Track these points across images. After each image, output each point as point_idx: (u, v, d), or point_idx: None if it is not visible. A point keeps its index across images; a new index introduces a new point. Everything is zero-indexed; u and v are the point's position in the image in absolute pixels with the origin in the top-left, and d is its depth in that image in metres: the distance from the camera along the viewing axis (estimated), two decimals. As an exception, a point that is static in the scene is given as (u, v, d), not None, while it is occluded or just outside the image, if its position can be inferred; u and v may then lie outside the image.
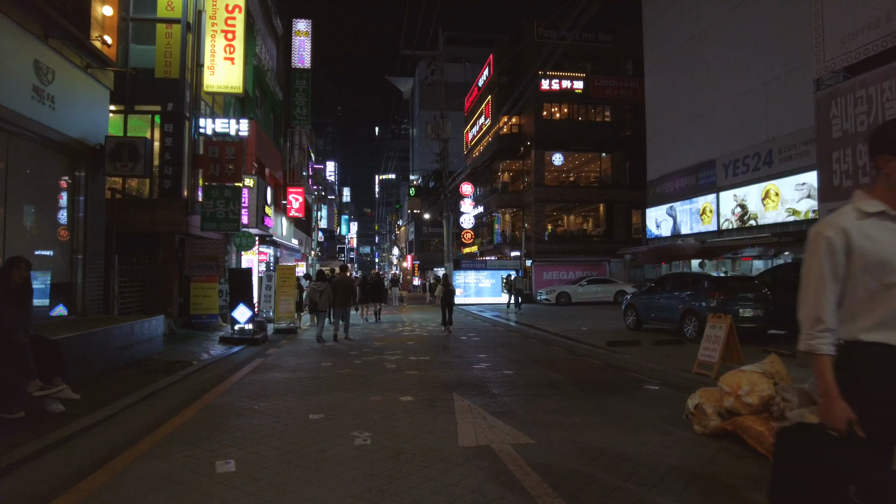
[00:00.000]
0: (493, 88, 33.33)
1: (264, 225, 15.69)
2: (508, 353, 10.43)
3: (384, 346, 11.53)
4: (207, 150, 11.93)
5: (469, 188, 27.63)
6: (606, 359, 9.93)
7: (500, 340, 12.72)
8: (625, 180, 30.28)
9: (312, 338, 13.00)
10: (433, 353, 10.33)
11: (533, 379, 7.73)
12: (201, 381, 7.67)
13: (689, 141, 22.80)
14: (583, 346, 11.72)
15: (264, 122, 20.05)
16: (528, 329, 15.29)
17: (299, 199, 22.10)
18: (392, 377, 7.88)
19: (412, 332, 14.28)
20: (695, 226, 22.26)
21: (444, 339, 12.78)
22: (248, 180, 14.98)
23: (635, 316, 14.81)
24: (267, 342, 12.18)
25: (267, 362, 9.37)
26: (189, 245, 12.20)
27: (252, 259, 16.93)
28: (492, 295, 25.72)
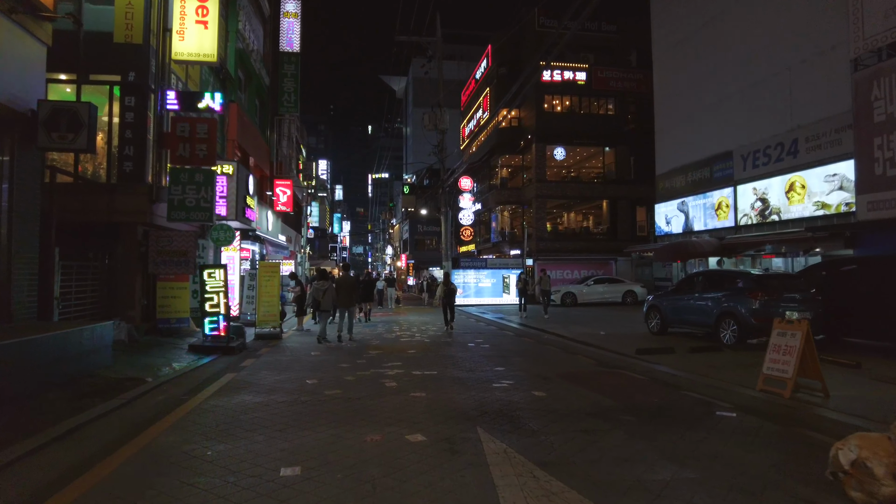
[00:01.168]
0: (491, 80, 31.65)
1: (246, 217, 13.88)
2: (529, 365, 8.72)
3: (381, 355, 9.78)
4: (176, 127, 10.11)
5: (469, 182, 25.94)
6: (646, 371, 8.27)
7: (513, 348, 11.02)
8: (629, 175, 28.71)
9: (298, 345, 11.26)
10: (440, 366, 8.60)
11: (573, 403, 6.02)
12: (149, 407, 5.88)
13: (703, 132, 21.24)
14: (610, 355, 10.07)
15: (248, 108, 18.23)
16: (540, 333, 13.60)
17: (287, 193, 20.29)
18: (393, 401, 6.14)
19: (412, 339, 12.54)
20: (709, 222, 20.71)
21: (449, 347, 11.04)
22: (228, 166, 13.18)
23: (659, 319, 13.18)
24: (244, 350, 10.39)
25: (239, 378, 7.58)
26: (154, 238, 10.38)
27: (233, 256, 15.11)
28: (492, 295, 24.03)
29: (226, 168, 13.16)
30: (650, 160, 28.30)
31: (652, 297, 14.06)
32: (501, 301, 24.03)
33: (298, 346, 11.22)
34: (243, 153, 17.01)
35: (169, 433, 4.90)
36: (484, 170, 32.88)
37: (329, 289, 12.16)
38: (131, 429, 5.01)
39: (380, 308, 21.88)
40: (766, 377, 6.99)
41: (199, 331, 10.26)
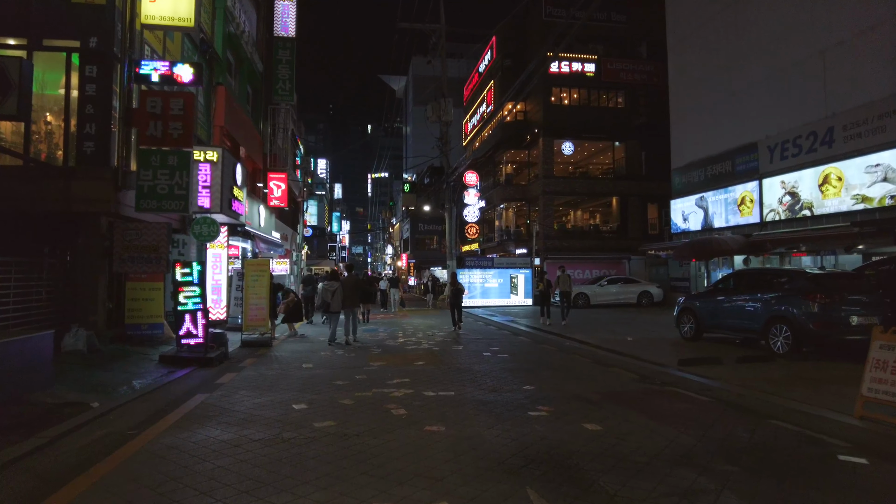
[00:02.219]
0: (495, 73, 30.11)
1: (233, 210, 12.33)
2: (562, 382, 7.18)
3: (384, 368, 8.24)
4: (146, 102, 8.56)
5: (474, 177, 24.36)
6: (703, 389, 6.78)
7: (536, 358, 9.48)
8: (640, 171, 27.20)
9: (289, 355, 9.71)
10: (456, 383, 7.05)
11: (643, 442, 4.49)
12: (74, 451, 4.33)
13: (723, 123, 19.74)
14: (650, 367, 8.57)
15: (239, 95, 16.68)
16: (560, 339, 12.07)
17: (282, 187, 18.73)
18: (403, 439, 4.60)
19: (418, 346, 10.99)
20: (731, 218, 19.21)
21: (462, 357, 9.50)
22: (211, 153, 11.63)
23: (693, 323, 11.67)
24: (226, 361, 8.84)
25: (211, 402, 6.04)
26: (120, 231, 8.81)
27: (220, 254, 13.56)
28: (499, 296, 22.48)
29: (209, 154, 11.60)
30: (662, 155, 26.79)
31: (684, 298, 12.54)
32: (509, 302, 22.50)
33: (289, 355, 9.67)
34: (233, 143, 15.47)
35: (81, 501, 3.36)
36: (488, 166, 31.35)
37: (338, 289, 11.42)
38: (22, 496, 3.46)
39: (382, 310, 20.26)
40: (869, 401, 5.49)
41: (176, 338, 8.71)
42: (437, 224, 42.50)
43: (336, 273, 14.04)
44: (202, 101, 13.31)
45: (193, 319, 8.44)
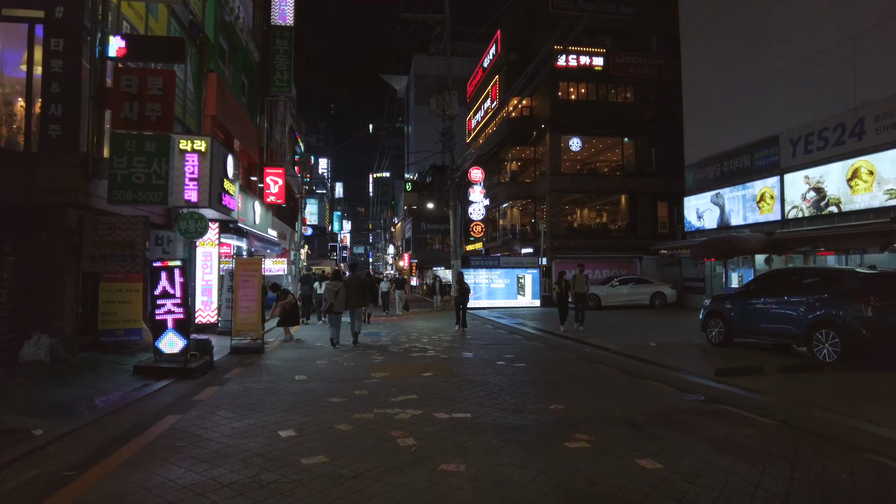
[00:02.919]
0: (500, 68, 29.07)
1: (223, 205, 11.30)
2: (594, 398, 6.15)
3: (388, 381, 7.21)
4: (120, 80, 7.56)
5: (479, 173, 23.29)
6: (758, 407, 5.80)
7: (556, 367, 8.44)
8: (650, 168, 26.15)
9: (281, 363, 8.69)
10: (472, 401, 6.02)
11: (725, 490, 3.46)
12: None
13: (741, 116, 18.70)
14: (685, 378, 7.61)
15: (234, 85, 15.66)
16: (577, 345, 11.04)
17: (279, 183, 17.71)
18: (414, 485, 3.57)
19: (424, 353, 9.96)
20: (749, 215, 18.15)
21: (474, 366, 8.47)
22: (199, 142, 10.58)
23: (723, 327, 10.64)
24: (210, 372, 7.82)
25: (181, 427, 5.01)
26: (91, 225, 7.79)
27: (211, 252, 12.55)
28: (506, 297, 21.45)
29: (197, 144, 10.55)
30: (673, 151, 25.73)
31: (710, 300, 11.51)
32: (516, 303, 21.46)
33: (282, 364, 8.64)
34: (226, 135, 14.45)
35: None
36: (492, 163, 30.30)
37: (341, 289, 10.95)
38: None
39: (384, 312, 19.14)
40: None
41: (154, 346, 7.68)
42: (439, 223, 41.48)
43: (338, 273, 13.06)
44: (192, 88, 12.31)
45: (175, 325, 7.42)
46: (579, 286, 12.68)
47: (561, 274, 12.67)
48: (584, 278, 12.78)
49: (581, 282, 12.68)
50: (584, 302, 12.82)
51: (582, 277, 12.74)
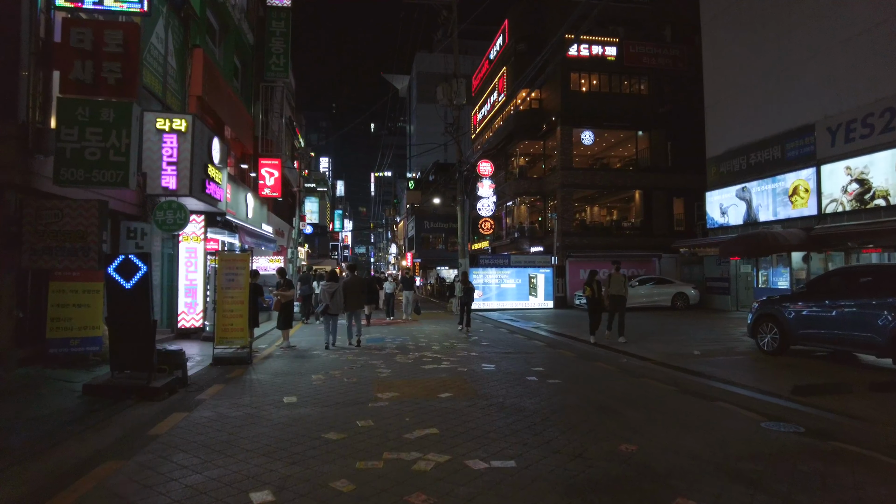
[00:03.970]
0: (508, 59, 27.57)
1: (207, 194, 9.83)
2: (667, 432, 4.66)
3: (397, 406, 5.70)
4: (69, 34, 6.08)
5: (488, 167, 21.75)
6: (885, 446, 4.26)
7: (599, 384, 6.93)
8: (665, 163, 24.66)
9: (269, 379, 7.19)
10: (513, 439, 4.50)
11: None
12: None
13: (770, 104, 17.19)
14: (761, 400, 6.15)
15: (225, 67, 14.16)
16: (611, 354, 9.54)
17: (275, 175, 16.22)
18: None
19: (437, 365, 8.45)
20: (780, 210, 16.66)
21: (501, 384, 6.96)
22: (179, 120, 9.13)
23: (777, 333, 9.15)
24: (181, 391, 6.33)
25: (116, 484, 3.52)
26: (33, 211, 6.29)
27: (195, 248, 11.05)
28: (517, 298, 19.94)
29: (176, 123, 9.10)
30: (690, 145, 24.22)
31: (760, 303, 10.01)
32: (528, 305, 19.95)
33: (270, 380, 7.14)
34: (215, 120, 12.97)
35: None
36: (499, 158, 28.80)
37: (338, 290, 10.32)
38: None
39: (388, 317, 17.07)
40: None
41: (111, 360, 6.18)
42: (443, 222, 39.98)
43: (335, 273, 11.71)
44: (175, 65, 10.83)
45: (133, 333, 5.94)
46: (615, 287, 10.55)
47: (592, 273, 10.77)
48: (620, 278, 10.60)
49: (617, 282, 10.54)
50: (620, 307, 10.55)
51: (618, 278, 10.60)
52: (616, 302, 10.49)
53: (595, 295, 10.31)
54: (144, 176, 9.08)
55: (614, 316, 10.61)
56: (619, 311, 10.53)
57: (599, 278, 10.60)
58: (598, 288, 10.35)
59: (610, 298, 10.47)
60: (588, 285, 10.53)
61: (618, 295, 10.49)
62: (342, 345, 10.36)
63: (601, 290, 10.36)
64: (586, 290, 10.51)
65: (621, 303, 10.52)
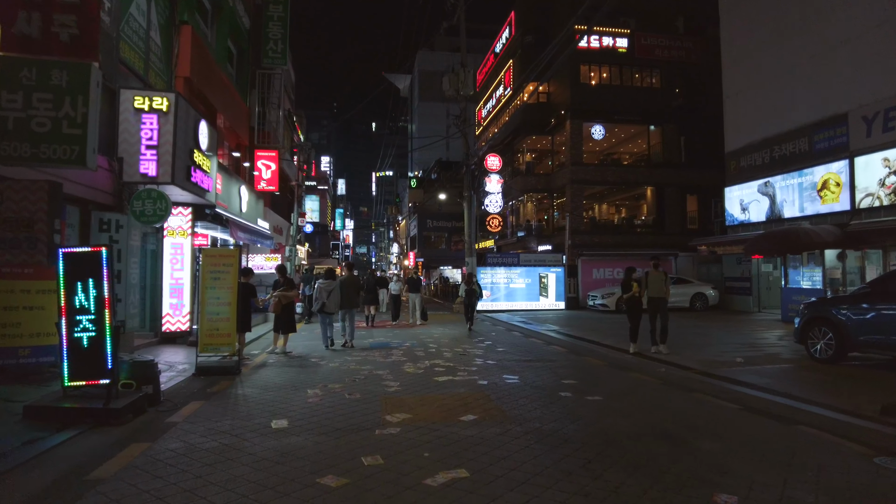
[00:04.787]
0: (514, 52, 26.46)
1: (192, 183, 8.72)
2: (766, 476, 3.53)
3: (411, 434, 4.56)
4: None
5: (497, 161, 20.58)
6: None
7: (646, 402, 5.81)
8: (678, 159, 23.54)
9: (258, 394, 6.07)
10: (572, 488, 3.37)
11: None
12: None
13: (796, 93, 16.05)
14: (847, 422, 5.04)
15: (218, 51, 13.04)
16: (649, 362, 8.41)
17: (272, 168, 15.11)
18: None
19: (454, 377, 7.33)
20: (807, 205, 15.53)
21: (532, 401, 5.84)
22: (160, 99, 8.04)
23: (832, 338, 8.05)
24: (151, 410, 5.22)
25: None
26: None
27: (182, 243, 9.94)
28: (527, 298, 18.82)
29: (156, 102, 8.00)
30: (704, 140, 23.12)
31: (810, 305, 8.90)
32: (539, 306, 18.83)
33: (258, 396, 6.01)
34: (206, 105, 11.85)
35: None
36: (505, 155, 27.62)
37: (335, 289, 9.88)
38: None
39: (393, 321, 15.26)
40: None
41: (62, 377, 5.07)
42: (446, 220, 38.85)
43: (332, 271, 10.84)
44: (159, 41, 9.73)
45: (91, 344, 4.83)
46: (655, 288, 8.95)
47: (629, 271, 9.24)
48: (660, 278, 9.03)
49: (657, 282, 8.98)
50: (662, 310, 8.97)
51: (658, 277, 9.04)
52: (656, 305, 9.01)
53: (635, 297, 8.96)
54: (121, 161, 8.00)
55: (656, 322, 9.03)
56: (660, 315, 9.00)
57: (636, 276, 9.19)
58: (634, 286, 9.00)
59: (649, 301, 9.05)
60: (627, 285, 9.10)
61: (658, 297, 8.99)
62: (337, 346, 9.90)
63: (637, 286, 8.99)
64: (633, 287, 8.96)
65: (662, 306, 9.00)
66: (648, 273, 9.15)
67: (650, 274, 9.13)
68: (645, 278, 8.97)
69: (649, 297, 9.02)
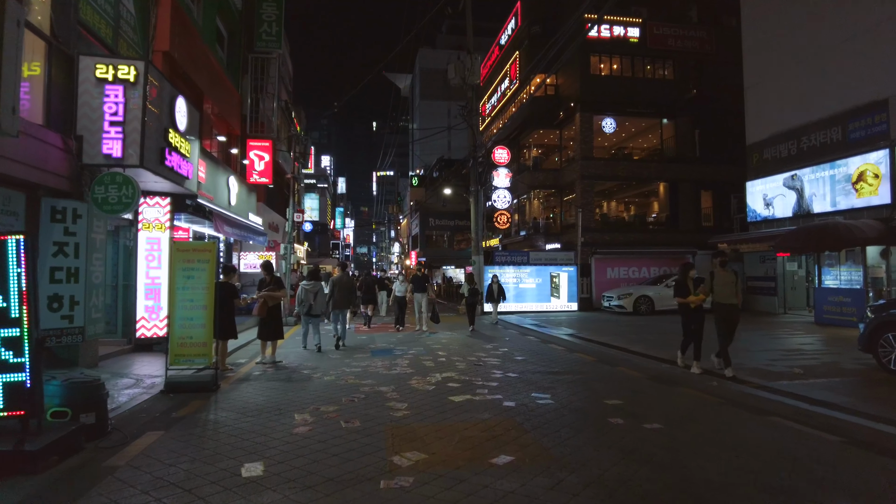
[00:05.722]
0: (521, 43, 25.22)
1: (166, 167, 7.48)
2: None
3: (429, 492, 3.32)
4: None
5: (505, 154, 19.26)
6: None
7: (726, 433, 4.55)
8: (692, 153, 22.30)
9: (234, 419, 4.80)
10: None
11: None
12: None
13: (827, 80, 14.79)
14: None
15: (205, 29, 11.79)
16: (698, 375, 7.17)
17: (265, 158, 13.87)
18: None
19: (473, 397, 6.08)
20: (840, 199, 14.28)
21: (580, 434, 4.60)
22: (126, 67, 6.81)
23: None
24: (90, 446, 3.97)
25: None
26: None
27: (159, 238, 8.71)
28: (537, 299, 17.56)
29: (122, 70, 6.76)
30: (720, 134, 21.85)
31: (876, 308, 7.66)
32: (550, 307, 17.58)
33: (231, 425, 4.76)
34: (192, 88, 10.58)
35: None
36: (512, 150, 26.13)
37: (320, 290, 9.29)
38: None
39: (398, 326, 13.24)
40: None
41: None
42: (449, 219, 37.60)
43: (317, 272, 9.87)
44: (132, 9, 8.48)
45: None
46: (724, 292, 6.89)
47: (686, 268, 7.36)
48: (731, 279, 6.94)
49: (726, 284, 6.90)
50: (733, 320, 6.94)
51: (728, 278, 6.94)
52: (728, 315, 6.90)
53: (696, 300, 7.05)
54: (80, 140, 6.75)
55: (724, 335, 6.91)
56: (730, 327, 6.93)
57: (694, 275, 7.31)
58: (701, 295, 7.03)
59: (716, 309, 6.99)
60: (683, 287, 7.21)
61: (728, 304, 6.89)
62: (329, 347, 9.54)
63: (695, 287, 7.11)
64: (690, 291, 7.10)
65: (734, 316, 6.94)
66: (713, 273, 7.09)
67: (717, 274, 7.04)
68: (710, 279, 7.10)
69: (716, 302, 6.98)
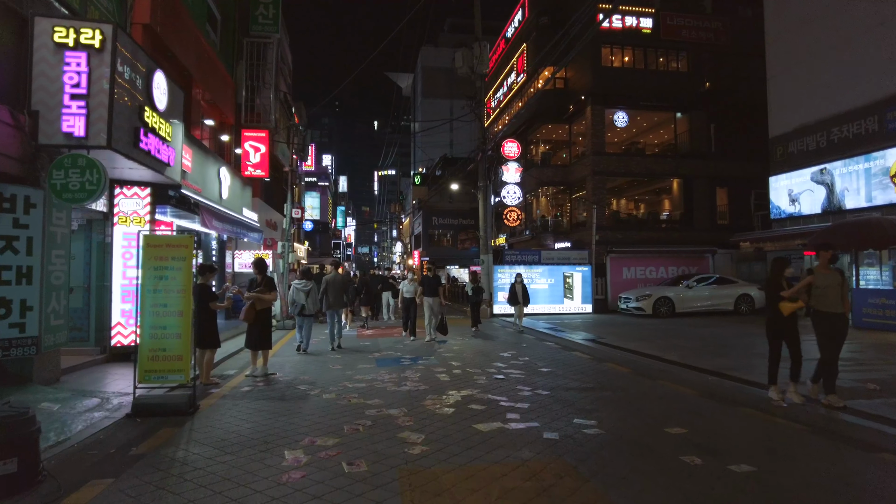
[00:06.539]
0: (528, 34, 24.15)
1: (141, 150, 6.44)
2: None
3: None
4: None
5: (515, 147, 18.13)
6: None
7: (838, 480, 3.51)
8: (707, 148, 21.25)
9: (211, 454, 3.70)
10: None
11: None
12: None
13: (860, 67, 13.70)
14: None
15: (194, 8, 10.73)
16: (759, 391, 6.11)
17: (261, 150, 12.82)
18: None
19: (502, 425, 5.01)
20: (877, 194, 13.21)
21: (651, 477, 3.54)
22: (90, 31, 5.76)
23: None
24: (14, 499, 2.93)
25: None
26: None
27: (138, 233, 7.68)
28: (549, 301, 16.48)
29: (85, 35, 5.73)
30: (735, 129, 20.74)
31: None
32: (563, 309, 16.51)
33: (203, 469, 3.69)
34: (179, 70, 9.53)
35: None
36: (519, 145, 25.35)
37: (313, 289, 8.85)
38: None
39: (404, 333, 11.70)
40: None
41: None
42: (452, 218, 36.54)
43: (309, 271, 9.46)
44: (106, -25, 7.43)
45: None
46: (825, 297, 5.37)
47: (778, 265, 5.72)
48: (837, 280, 5.38)
49: (832, 287, 5.35)
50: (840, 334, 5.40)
51: (832, 278, 5.39)
52: (832, 327, 5.37)
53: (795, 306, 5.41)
54: (36, 115, 5.72)
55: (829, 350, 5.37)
56: (837, 343, 5.40)
57: (789, 274, 5.75)
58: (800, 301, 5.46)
59: (815, 319, 5.47)
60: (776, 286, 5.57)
61: (834, 313, 5.34)
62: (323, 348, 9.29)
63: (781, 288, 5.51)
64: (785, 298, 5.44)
65: (842, 327, 5.41)
66: (814, 272, 5.50)
67: (818, 274, 5.45)
68: (771, 275, 5.71)
69: (817, 310, 5.44)
